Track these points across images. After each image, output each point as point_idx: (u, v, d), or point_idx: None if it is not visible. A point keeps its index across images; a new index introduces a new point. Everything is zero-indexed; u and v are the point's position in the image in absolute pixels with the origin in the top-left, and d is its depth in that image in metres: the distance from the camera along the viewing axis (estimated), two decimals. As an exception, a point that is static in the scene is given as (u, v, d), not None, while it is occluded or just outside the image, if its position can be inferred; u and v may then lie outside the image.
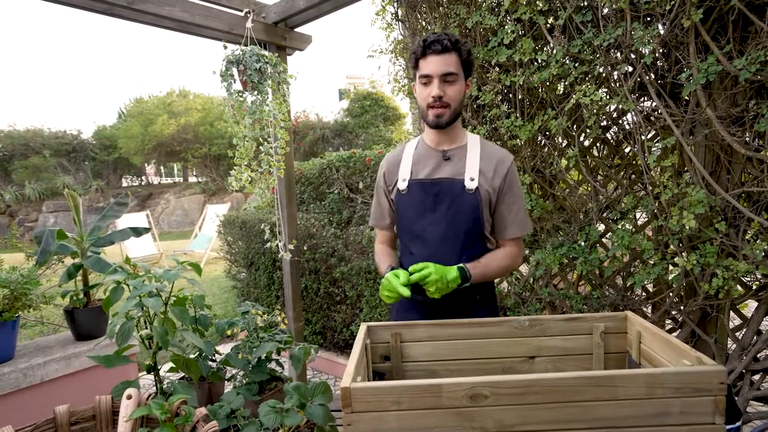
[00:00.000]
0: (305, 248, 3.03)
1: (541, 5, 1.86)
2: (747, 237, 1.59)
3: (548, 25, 1.90)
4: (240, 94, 2.43)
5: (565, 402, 0.85)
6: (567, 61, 1.85)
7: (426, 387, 0.85)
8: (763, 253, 1.52)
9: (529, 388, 0.85)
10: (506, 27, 1.95)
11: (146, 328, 1.04)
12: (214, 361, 1.22)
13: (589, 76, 1.81)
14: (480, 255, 1.36)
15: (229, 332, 1.10)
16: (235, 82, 2.42)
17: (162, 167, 20.58)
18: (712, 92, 1.62)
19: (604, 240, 2.04)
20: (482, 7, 2.03)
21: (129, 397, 0.91)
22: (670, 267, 1.76)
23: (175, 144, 16.29)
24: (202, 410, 0.91)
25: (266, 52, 2.41)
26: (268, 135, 2.46)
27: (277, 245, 2.67)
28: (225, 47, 2.43)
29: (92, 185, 16.03)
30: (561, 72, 1.82)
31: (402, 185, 1.40)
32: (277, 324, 1.19)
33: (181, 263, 1.15)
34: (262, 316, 1.15)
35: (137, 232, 2.90)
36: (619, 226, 1.84)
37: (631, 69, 1.72)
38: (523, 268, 2.46)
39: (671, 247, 1.75)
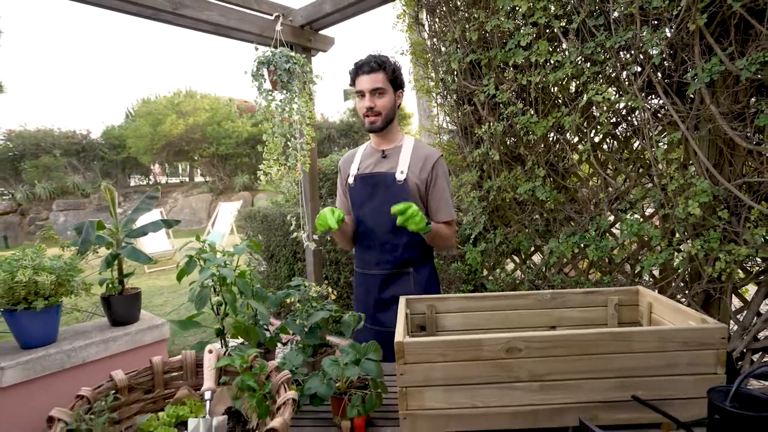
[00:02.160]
0: (329, 237, 3.17)
1: (555, 10, 2.01)
2: (748, 225, 1.73)
3: (562, 29, 2.04)
4: (270, 93, 2.58)
5: (586, 354, 0.99)
6: (580, 62, 1.99)
7: (468, 341, 0.99)
8: (763, 239, 1.65)
9: (557, 342, 0.99)
10: (522, 30, 2.09)
11: (217, 295, 1.19)
12: (267, 330, 1.37)
13: (601, 75, 1.95)
14: (410, 236, 1.64)
15: (288, 300, 1.24)
16: (265, 82, 2.57)
17: (167, 167, 20.76)
18: (715, 90, 1.76)
19: (613, 230, 2.18)
20: (499, 12, 2.18)
21: (210, 351, 1.06)
22: (676, 253, 1.90)
23: (183, 143, 16.49)
24: (274, 363, 1.05)
25: (295, 54, 2.56)
26: (295, 132, 2.61)
27: (301, 236, 2.81)
28: (256, 49, 2.57)
29: (101, 184, 16.22)
30: (574, 72, 1.97)
31: (351, 180, 1.72)
32: (327, 296, 1.33)
33: (245, 241, 1.30)
34: (314, 289, 1.29)
35: (168, 224, 3.05)
36: (628, 216, 1.98)
37: (639, 69, 1.86)
38: (536, 258, 2.60)
39: (677, 235, 1.88)
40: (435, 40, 2.59)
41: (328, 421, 1.11)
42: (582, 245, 2.14)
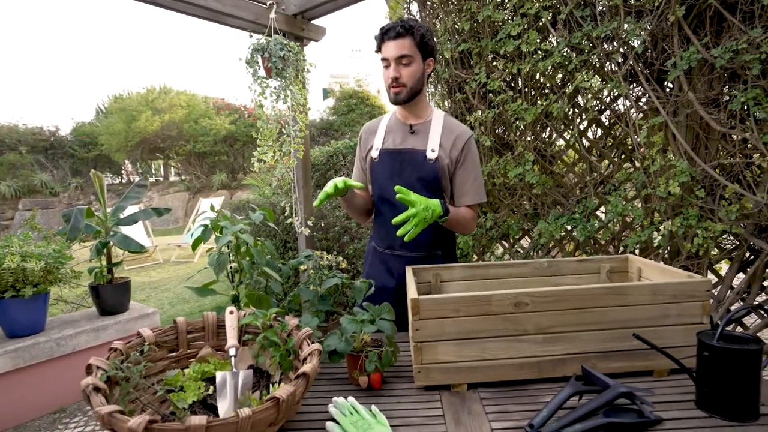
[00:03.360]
0: (322, 224, 3.21)
1: (544, 1, 2.11)
2: (723, 203, 1.86)
3: (550, 19, 2.14)
4: (264, 80, 2.61)
5: (586, 308, 1.07)
6: (567, 52, 2.10)
7: (479, 297, 1.06)
8: (735, 216, 1.78)
9: (560, 296, 1.07)
10: (513, 20, 2.18)
11: (233, 262, 1.23)
12: (279, 300, 1.41)
13: (587, 64, 2.06)
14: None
15: (302, 268, 1.29)
16: (260, 69, 2.60)
17: (139, 165, 20.19)
18: (691, 78, 1.89)
19: (598, 213, 2.29)
20: (490, 3, 2.26)
21: (231, 312, 1.10)
22: (656, 232, 2.02)
23: (159, 141, 16.15)
24: (294, 321, 1.10)
25: (290, 41, 2.60)
26: (289, 119, 2.64)
27: (295, 222, 2.85)
28: (251, 36, 2.60)
29: (71, 183, 15.76)
30: (562, 60, 2.07)
31: (374, 153, 1.59)
32: (339, 264, 1.39)
33: (259, 210, 1.33)
34: (326, 257, 1.34)
35: (159, 212, 3.06)
36: (613, 198, 2.09)
37: (622, 59, 1.97)
38: (524, 242, 2.70)
39: (656, 215, 2.00)
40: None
41: (344, 380, 1.16)
42: (569, 227, 2.25)
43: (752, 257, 1.94)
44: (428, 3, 2.67)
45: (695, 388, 0.97)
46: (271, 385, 0.96)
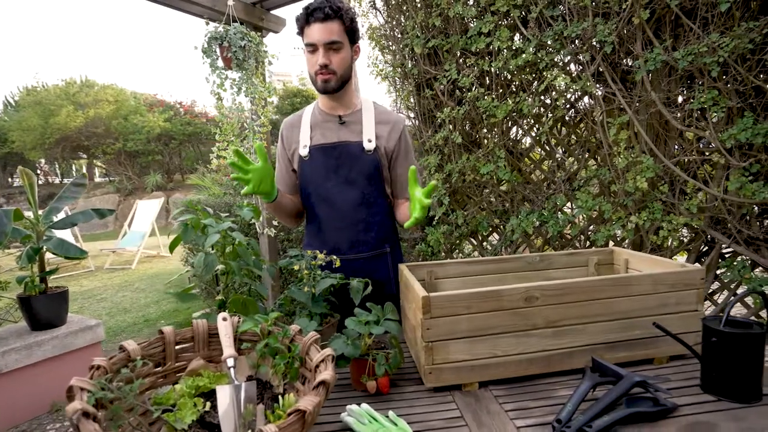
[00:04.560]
0: (280, 225, 3.07)
1: (516, 0, 2.14)
2: (684, 197, 1.97)
3: (521, 17, 2.18)
4: (222, 71, 2.45)
5: (591, 300, 1.08)
6: (537, 50, 2.14)
7: (490, 292, 1.03)
8: (696, 209, 1.90)
9: (567, 289, 1.06)
10: (485, 18, 2.19)
11: (221, 263, 1.11)
12: (262, 305, 1.31)
13: (558, 62, 2.11)
14: (384, 213, 1.50)
15: (296, 267, 1.19)
16: (218, 59, 2.43)
17: (58, 165, 18.47)
18: (652, 79, 1.99)
19: (565, 209, 2.36)
20: (459, 1, 2.27)
21: (224, 319, 0.99)
22: (623, 227, 2.11)
23: (83, 138, 14.93)
24: (296, 327, 1.01)
25: (250, 31, 2.45)
26: (252, 113, 2.50)
27: (256, 224, 2.70)
28: (207, 23, 2.43)
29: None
30: (533, 59, 2.11)
31: (303, 151, 1.45)
32: (333, 263, 1.30)
33: (245, 206, 1.22)
34: (319, 257, 1.26)
35: (101, 213, 2.79)
36: (582, 194, 2.16)
37: (590, 59, 2.04)
38: (492, 239, 2.74)
39: (620, 211, 2.09)
40: (393, 23, 2.62)
41: (347, 386, 1.09)
42: (538, 223, 2.30)
43: (707, 248, 2.08)
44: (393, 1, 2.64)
45: (701, 373, 1.00)
46: (281, 396, 0.87)
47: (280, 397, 0.88)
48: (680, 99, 1.99)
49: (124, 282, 6.04)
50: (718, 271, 2.03)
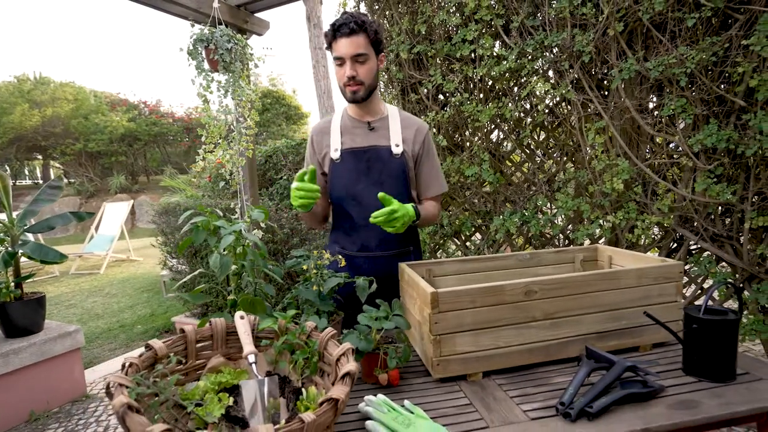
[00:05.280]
0: (264, 228, 3.07)
1: (497, 9, 2.23)
2: (656, 197, 2.11)
3: (503, 26, 2.28)
4: (208, 73, 2.44)
5: (583, 293, 1.16)
6: (519, 58, 2.24)
7: (493, 288, 1.10)
8: (667, 209, 2.03)
9: (563, 283, 1.14)
10: (469, 26, 2.28)
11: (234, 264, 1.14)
12: (270, 304, 1.34)
13: (539, 70, 2.22)
14: None
15: (305, 267, 1.23)
16: (203, 61, 2.43)
17: (9, 166, 17.49)
18: (626, 87, 2.12)
19: (545, 209, 2.48)
20: (444, 8, 2.35)
21: (242, 318, 1.02)
22: (600, 226, 2.24)
23: (40, 138, 14.27)
24: (311, 323, 1.05)
25: (236, 34, 2.46)
26: (239, 115, 2.50)
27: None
28: (192, 25, 2.42)
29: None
30: (516, 66, 2.21)
31: (335, 155, 1.55)
32: (339, 263, 1.34)
33: (255, 208, 1.25)
34: (326, 257, 1.30)
35: (79, 216, 2.73)
36: (562, 195, 2.28)
37: (569, 67, 2.16)
38: (476, 237, 2.83)
39: (597, 211, 2.22)
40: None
41: (357, 380, 1.14)
42: (521, 223, 2.40)
43: (676, 245, 2.23)
44: (376, 5, 2.69)
45: (683, 357, 1.10)
46: (304, 391, 0.91)
47: (303, 390, 0.92)
48: (651, 106, 2.13)
49: (93, 287, 5.85)
50: (686, 267, 2.18)
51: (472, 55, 2.37)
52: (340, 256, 1.36)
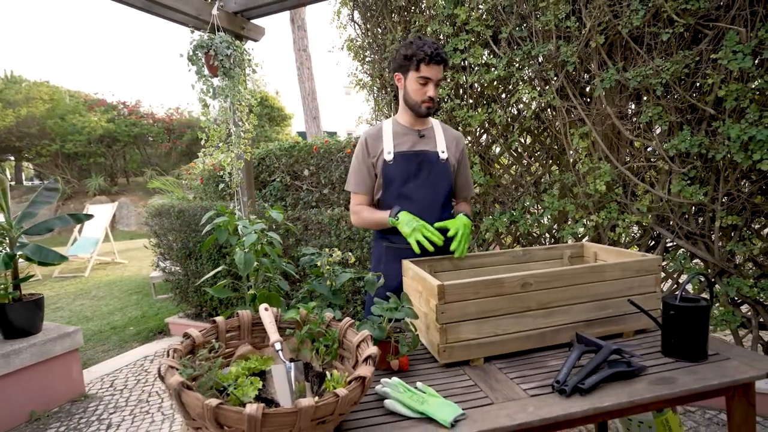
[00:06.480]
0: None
1: (487, 20, 2.36)
2: (635, 198, 2.26)
3: (491, 36, 2.41)
4: (208, 78, 2.51)
5: (573, 284, 1.28)
6: (508, 66, 2.38)
7: (494, 281, 1.21)
8: (646, 209, 2.19)
9: (555, 276, 1.26)
10: (460, 36, 2.41)
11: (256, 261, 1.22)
12: (285, 298, 1.42)
13: (526, 78, 2.35)
14: (450, 211, 1.80)
15: (318, 263, 1.32)
16: (203, 67, 2.49)
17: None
18: (607, 95, 2.27)
19: (532, 210, 2.61)
20: (436, 19, 2.47)
21: (266, 309, 1.11)
22: (584, 226, 2.38)
23: (13, 139, 13.89)
24: (330, 314, 1.15)
25: (236, 40, 2.53)
26: (237, 119, 2.57)
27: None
28: (192, 32, 2.48)
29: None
30: (505, 74, 2.34)
31: (388, 156, 1.72)
32: (348, 261, 1.44)
33: (273, 208, 1.33)
34: (334, 255, 1.39)
35: (78, 218, 2.76)
36: (548, 196, 2.42)
37: (555, 76, 2.30)
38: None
39: (581, 211, 2.36)
40: (371, 36, 2.78)
41: (369, 366, 1.23)
42: (510, 223, 2.53)
43: (654, 243, 2.39)
44: (369, 14, 2.80)
45: (662, 340, 1.23)
46: (328, 374, 1.00)
47: (327, 373, 1.01)
48: (630, 113, 2.28)
49: (79, 290, 5.78)
50: (663, 263, 2.34)
51: (463, 63, 2.49)
52: (380, 274, 1.43)
